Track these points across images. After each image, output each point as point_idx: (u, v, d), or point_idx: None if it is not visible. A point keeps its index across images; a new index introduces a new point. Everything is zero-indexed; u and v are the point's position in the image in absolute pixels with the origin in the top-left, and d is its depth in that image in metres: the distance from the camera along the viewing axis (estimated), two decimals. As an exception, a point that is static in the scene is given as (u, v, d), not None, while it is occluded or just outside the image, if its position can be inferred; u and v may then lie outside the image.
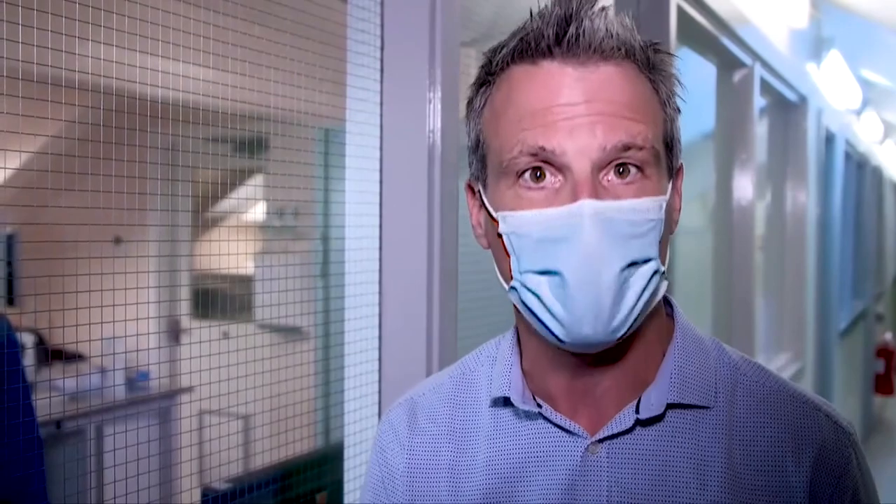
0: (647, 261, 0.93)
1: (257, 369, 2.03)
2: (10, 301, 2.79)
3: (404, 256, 1.41)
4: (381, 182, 1.45)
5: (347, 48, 1.45)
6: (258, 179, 3.97)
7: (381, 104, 1.45)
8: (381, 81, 1.47)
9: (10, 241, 3.14)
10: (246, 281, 4.42)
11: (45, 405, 1.85)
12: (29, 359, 3.13)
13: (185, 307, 4.18)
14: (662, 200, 0.94)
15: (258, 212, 4.32)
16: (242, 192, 4.31)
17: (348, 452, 1.47)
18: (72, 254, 1.88)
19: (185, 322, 4.17)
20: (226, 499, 1.50)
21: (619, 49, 0.94)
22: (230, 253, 4.05)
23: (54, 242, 1.77)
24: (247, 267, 4.09)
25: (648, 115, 0.95)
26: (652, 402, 0.99)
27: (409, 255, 1.13)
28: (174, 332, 4.11)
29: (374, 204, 1.44)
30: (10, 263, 3.14)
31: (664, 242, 0.96)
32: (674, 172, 1.00)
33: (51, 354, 3.62)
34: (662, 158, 0.96)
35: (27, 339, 3.32)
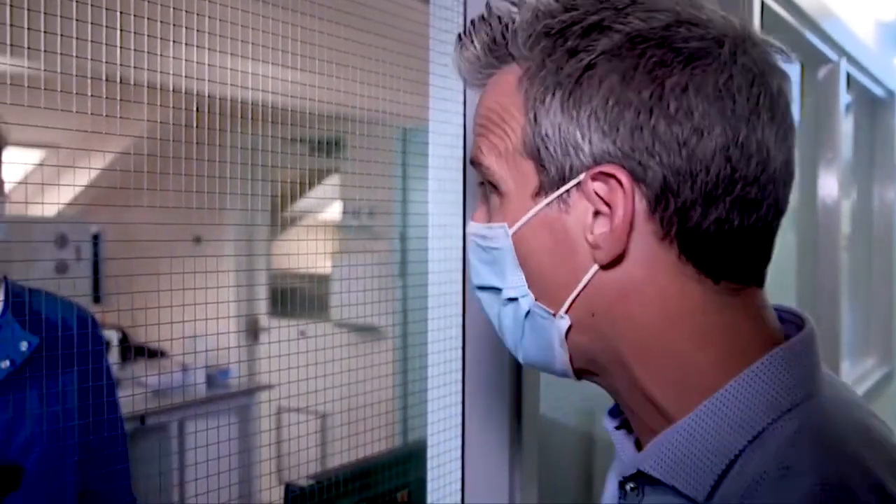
0: (491, 288, 0.88)
1: (335, 368, 2.03)
2: (96, 299, 2.86)
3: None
4: (464, 182, 1.43)
5: (429, 48, 1.43)
6: (335, 179, 4.00)
7: (465, 103, 1.44)
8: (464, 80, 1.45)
9: (96, 240, 3.21)
10: (323, 280, 4.46)
11: (130, 401, 1.88)
12: (114, 355, 3.21)
13: (263, 306, 4.23)
14: (500, 227, 0.82)
15: (335, 211, 4.35)
16: (319, 191, 4.35)
17: (431, 452, 1.46)
18: (153, 253, 1.90)
19: (264, 321, 4.22)
20: (309, 495, 1.50)
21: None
22: (307, 252, 4.08)
23: (137, 242, 1.80)
24: (324, 266, 4.13)
25: (493, 125, 0.82)
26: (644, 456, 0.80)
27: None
28: (253, 331, 4.17)
29: (458, 204, 1.43)
30: (95, 262, 3.22)
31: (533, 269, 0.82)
32: (573, 183, 0.77)
33: (134, 351, 3.70)
34: (512, 175, 0.80)
35: (112, 336, 3.40)
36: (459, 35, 0.87)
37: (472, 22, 0.85)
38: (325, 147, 2.80)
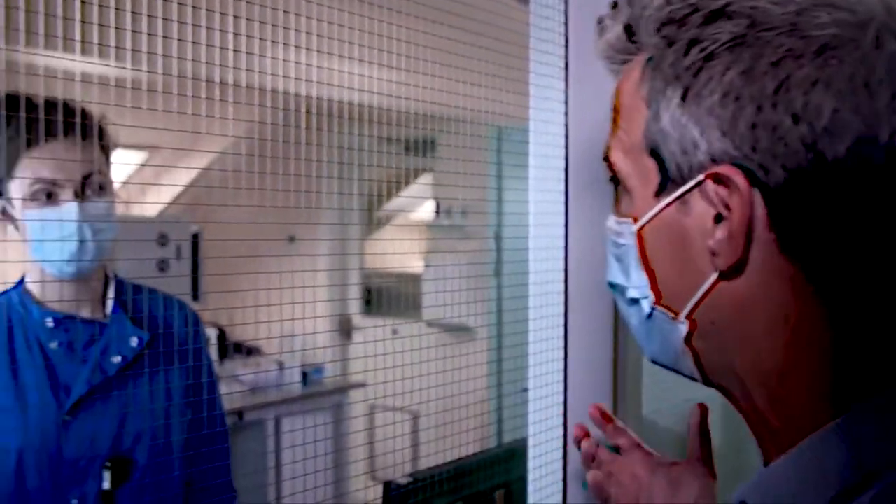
0: (617, 286, 0.83)
1: (428, 368, 2.02)
2: (195, 297, 2.92)
3: (591, 256, 1.36)
4: (566, 181, 1.40)
5: (530, 46, 1.40)
6: (428, 179, 4.01)
7: (566, 102, 1.40)
8: (566, 80, 1.42)
9: (195, 239, 3.29)
10: (415, 279, 4.49)
11: (228, 397, 1.91)
12: (212, 353, 3.28)
13: (355, 305, 4.28)
14: (626, 222, 0.78)
15: (427, 211, 4.36)
16: (412, 191, 4.37)
17: (533, 452, 1.43)
18: (250, 252, 1.92)
19: (357, 319, 4.26)
20: (408, 494, 1.49)
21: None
22: (400, 251, 4.12)
23: (233, 241, 1.82)
24: (416, 265, 4.15)
25: (620, 118, 0.78)
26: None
27: (597, 255, 1.07)
28: (346, 329, 4.21)
29: (559, 203, 1.39)
30: (195, 261, 3.29)
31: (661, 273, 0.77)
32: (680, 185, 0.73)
33: (232, 349, 3.79)
34: (637, 171, 0.76)
35: (210, 334, 3.47)
36: (600, 17, 0.83)
37: (615, 3, 0.82)
38: (418, 146, 2.80)
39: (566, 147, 1.39)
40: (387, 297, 4.38)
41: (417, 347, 2.05)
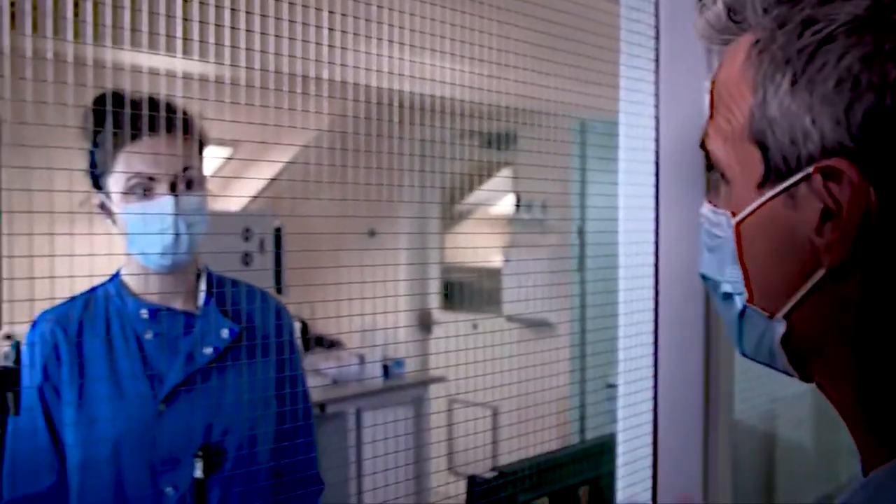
0: (710, 279, 0.78)
1: (508, 363, 2.00)
2: (279, 290, 2.96)
3: (683, 250, 1.33)
4: (656, 174, 1.37)
5: (620, 38, 1.38)
6: (508, 172, 3.99)
7: (657, 94, 1.38)
8: (657, 71, 1.39)
9: (278, 233, 3.34)
10: (494, 274, 4.48)
11: (310, 389, 1.92)
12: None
13: (435, 299, 4.28)
14: (724, 214, 0.73)
15: (507, 205, 4.34)
16: (492, 185, 4.36)
17: (622, 448, 1.41)
18: (331, 246, 1.93)
19: (436, 314, 4.27)
20: (493, 488, 1.48)
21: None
22: (479, 245, 4.11)
23: (315, 235, 1.83)
24: (495, 260, 4.14)
25: (721, 104, 0.73)
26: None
27: (689, 249, 1.05)
28: (426, 324, 4.22)
29: (649, 196, 1.37)
30: (277, 255, 3.34)
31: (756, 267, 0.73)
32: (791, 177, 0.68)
33: (314, 342, 3.83)
34: (738, 160, 0.72)
35: (294, 327, 3.52)
36: None
37: None
38: (498, 140, 2.78)
39: (657, 140, 1.36)
40: (466, 291, 4.38)
41: (497, 343, 2.04)
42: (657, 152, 1.37)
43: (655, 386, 1.39)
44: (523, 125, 1.82)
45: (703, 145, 0.76)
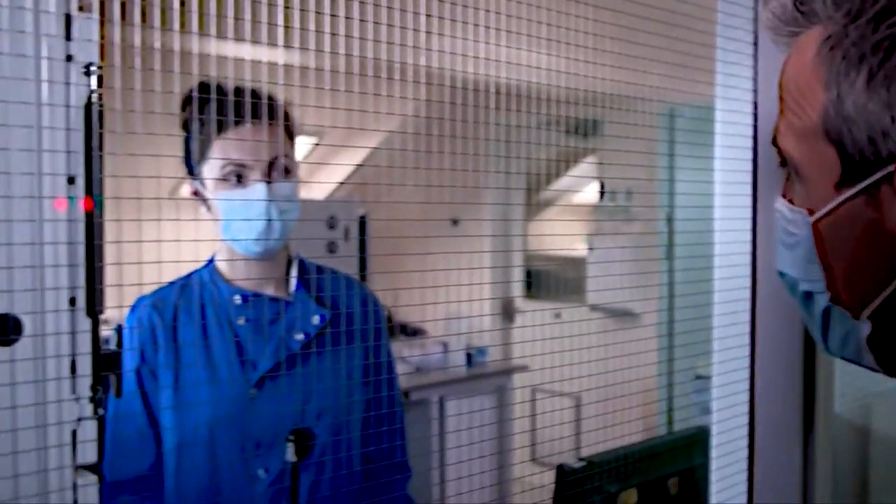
0: (788, 276, 0.75)
1: (591, 352, 1.98)
2: (363, 278, 2.99)
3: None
4: (754, 161, 1.33)
5: (717, 21, 1.34)
6: (592, 161, 3.94)
7: (755, 79, 1.33)
8: (755, 56, 1.34)
9: (363, 221, 3.37)
10: (578, 263, 4.44)
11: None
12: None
13: (518, 288, 4.27)
14: (800, 212, 0.70)
15: (591, 193, 4.30)
16: (576, 173, 4.31)
17: (717, 440, 1.38)
18: (415, 235, 1.93)
19: (519, 302, 4.26)
20: (581, 478, 1.47)
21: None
22: (563, 233, 4.06)
23: (399, 224, 1.84)
24: (579, 248, 4.11)
25: (792, 100, 0.70)
26: None
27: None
28: (508, 312, 4.22)
29: (746, 184, 1.33)
30: (362, 243, 3.38)
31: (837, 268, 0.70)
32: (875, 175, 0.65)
33: (398, 329, 3.86)
34: (812, 159, 0.70)
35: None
36: None
37: None
38: (582, 128, 2.75)
39: (755, 126, 1.32)
40: (549, 280, 4.35)
41: (581, 332, 2.02)
42: (755, 138, 1.32)
43: (752, 378, 1.35)
44: (610, 110, 1.79)
45: (774, 142, 0.73)
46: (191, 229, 1.27)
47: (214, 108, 1.29)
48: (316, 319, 1.41)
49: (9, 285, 0.88)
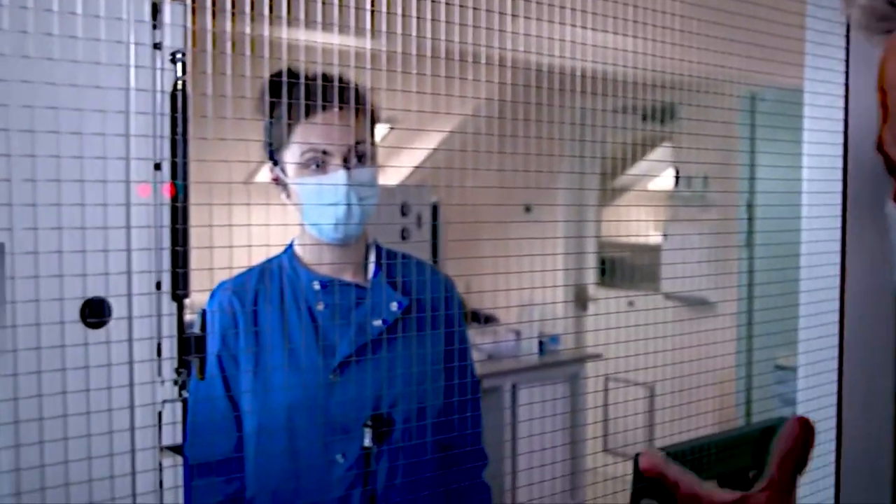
0: None
1: (666, 342, 1.94)
2: (434, 263, 2.99)
3: (873, 230, 1.24)
4: (844, 148, 1.28)
5: (807, 1, 1.29)
6: (667, 147, 3.87)
7: (847, 62, 1.28)
8: (847, 38, 1.29)
9: (435, 209, 3.37)
10: (652, 250, 4.37)
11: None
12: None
13: (591, 275, 4.23)
14: None
15: (666, 180, 4.22)
16: (651, 160, 4.24)
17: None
18: (487, 221, 1.91)
19: (592, 290, 4.21)
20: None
21: None
22: (637, 218, 4.01)
23: (472, 212, 1.82)
24: (653, 235, 4.04)
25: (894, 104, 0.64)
26: None
27: (882, 227, 0.97)
28: (581, 300, 4.18)
29: (836, 169, 1.28)
30: (434, 230, 3.38)
31: None
32: None
33: (470, 317, 3.86)
34: None
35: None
36: None
37: None
38: (657, 114, 2.70)
39: (846, 111, 1.27)
40: (623, 268, 4.30)
41: (655, 321, 1.98)
42: (846, 123, 1.27)
43: (840, 370, 1.30)
44: (689, 91, 1.75)
45: (879, 148, 0.68)
46: (270, 215, 1.28)
47: (299, 93, 1.30)
48: (394, 306, 1.41)
49: (98, 269, 0.90)
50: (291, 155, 1.36)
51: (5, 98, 0.84)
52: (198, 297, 1.07)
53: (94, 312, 0.90)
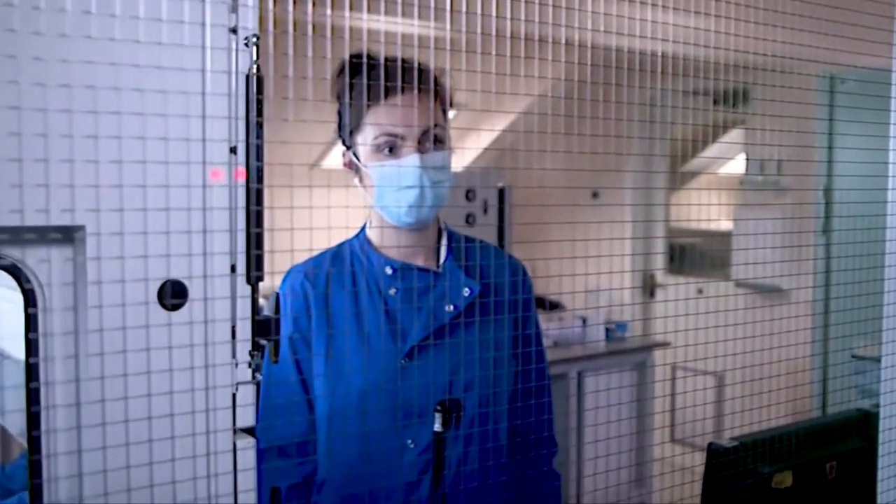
0: None
1: (739, 331, 1.90)
2: (501, 248, 2.98)
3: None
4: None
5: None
6: (739, 131, 3.79)
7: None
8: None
9: (502, 194, 3.35)
10: (722, 237, 4.28)
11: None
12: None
13: (659, 261, 4.17)
14: None
15: (737, 165, 4.13)
16: (722, 144, 4.15)
17: (884, 425, 1.29)
18: (554, 209, 1.89)
19: (660, 277, 4.15)
20: (733, 458, 1.41)
21: None
22: (709, 203, 3.94)
23: (539, 197, 1.81)
24: (724, 222, 3.96)
25: None
26: None
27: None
28: (649, 287, 4.12)
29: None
30: (500, 216, 3.36)
31: None
32: None
33: (535, 303, 3.82)
34: None
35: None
36: None
37: None
38: (729, 98, 2.64)
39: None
40: (692, 254, 4.23)
41: (725, 308, 1.94)
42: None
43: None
44: (765, 73, 1.70)
45: None
46: (347, 199, 1.28)
47: (373, 77, 1.30)
48: (466, 291, 1.40)
49: (174, 252, 0.90)
50: (365, 138, 1.35)
51: (93, 80, 0.85)
52: (267, 281, 1.07)
53: (172, 294, 0.91)
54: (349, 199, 1.32)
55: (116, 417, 0.87)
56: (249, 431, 0.99)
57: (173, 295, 0.91)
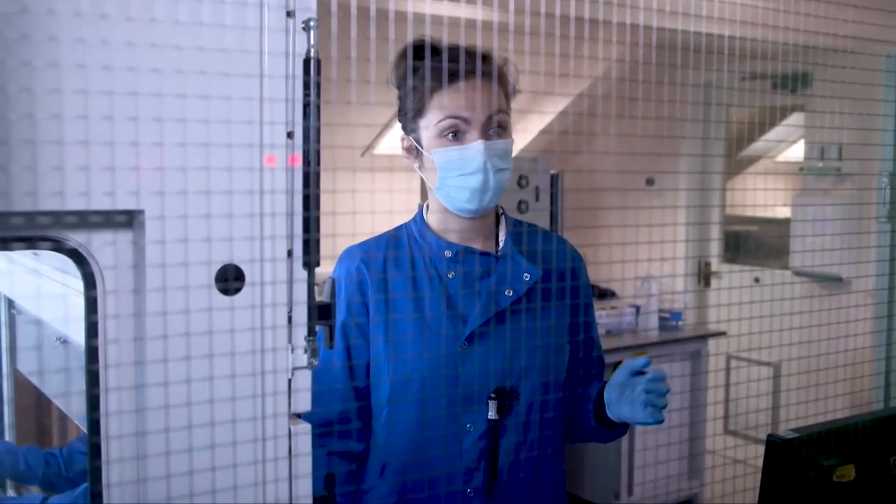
0: None
1: (796, 320, 1.86)
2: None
3: None
4: None
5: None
6: (799, 116, 3.69)
7: None
8: None
9: (554, 179, 3.32)
10: (779, 225, 4.19)
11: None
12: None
13: (714, 249, 4.11)
14: None
15: (796, 151, 4.03)
16: (780, 130, 4.06)
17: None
18: (608, 195, 1.86)
19: (715, 265, 4.09)
20: (792, 449, 1.39)
21: None
22: (766, 187, 3.87)
23: (593, 183, 1.79)
24: (782, 209, 3.88)
25: None
26: None
27: None
28: (704, 275, 4.06)
29: None
30: (552, 199, 3.33)
31: None
32: None
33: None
34: None
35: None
36: None
37: None
38: (788, 82, 2.58)
39: None
40: (749, 242, 4.16)
41: (783, 297, 1.90)
42: None
43: None
44: (826, 54, 1.66)
45: None
46: (393, 185, 1.27)
47: (436, 63, 1.29)
48: (526, 277, 1.39)
49: (230, 236, 0.90)
50: (428, 123, 1.34)
51: (158, 63, 0.85)
52: (323, 266, 1.07)
53: (229, 278, 0.91)
54: (393, 184, 1.31)
55: (177, 402, 0.88)
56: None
57: (231, 279, 0.91)
